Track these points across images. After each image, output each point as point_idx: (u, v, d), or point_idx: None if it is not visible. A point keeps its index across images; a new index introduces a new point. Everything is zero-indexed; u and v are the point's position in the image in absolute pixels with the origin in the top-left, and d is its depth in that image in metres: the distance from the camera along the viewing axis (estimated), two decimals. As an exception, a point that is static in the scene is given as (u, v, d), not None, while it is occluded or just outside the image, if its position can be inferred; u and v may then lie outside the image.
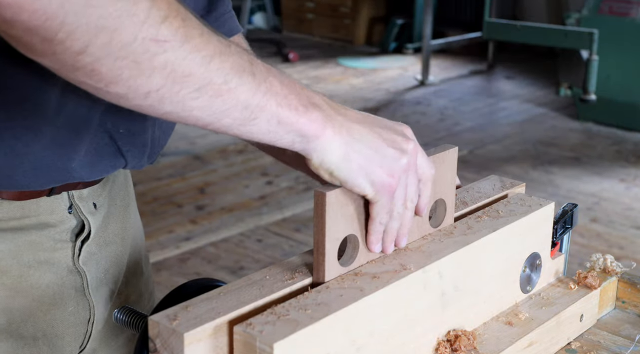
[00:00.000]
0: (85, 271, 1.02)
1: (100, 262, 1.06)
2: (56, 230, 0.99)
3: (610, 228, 3.87)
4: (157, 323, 0.76)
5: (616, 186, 4.39)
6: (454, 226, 0.99)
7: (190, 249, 3.60)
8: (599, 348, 1.04)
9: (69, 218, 1.00)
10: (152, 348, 0.76)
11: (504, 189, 1.10)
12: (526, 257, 1.04)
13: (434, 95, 6.13)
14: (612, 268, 1.13)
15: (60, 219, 0.99)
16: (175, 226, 3.83)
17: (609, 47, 5.14)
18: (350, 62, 7.12)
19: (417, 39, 7.15)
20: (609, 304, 1.13)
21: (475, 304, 0.97)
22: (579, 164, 4.73)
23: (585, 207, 4.06)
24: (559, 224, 1.08)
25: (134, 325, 0.95)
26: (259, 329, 0.76)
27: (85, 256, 1.02)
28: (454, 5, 7.54)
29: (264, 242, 3.68)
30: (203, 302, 0.79)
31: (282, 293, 0.83)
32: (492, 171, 4.43)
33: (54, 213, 0.98)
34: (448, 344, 0.93)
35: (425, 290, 0.90)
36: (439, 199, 0.97)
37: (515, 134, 5.24)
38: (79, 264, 1.01)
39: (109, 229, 1.07)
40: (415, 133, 0.89)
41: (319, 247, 0.85)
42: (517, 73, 6.77)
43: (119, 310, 0.97)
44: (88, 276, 1.03)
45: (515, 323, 0.99)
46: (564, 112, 5.65)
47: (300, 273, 0.86)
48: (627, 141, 5.12)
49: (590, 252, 1.17)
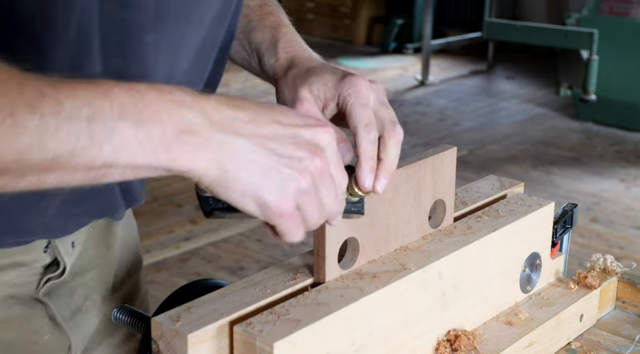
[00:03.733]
0: (48, 302, 1.00)
1: (77, 290, 1.04)
2: (29, 268, 0.98)
3: (610, 228, 3.87)
4: (160, 324, 0.76)
5: (616, 186, 4.39)
6: (453, 226, 0.99)
7: (190, 249, 3.60)
8: (599, 348, 1.04)
9: (43, 257, 0.99)
10: (155, 349, 0.77)
11: (502, 189, 1.10)
12: (526, 257, 1.04)
13: (434, 95, 6.12)
14: (612, 268, 1.13)
15: (35, 258, 0.98)
16: (175, 226, 3.83)
17: (609, 47, 5.13)
18: (350, 62, 7.12)
19: (417, 39, 7.14)
20: (609, 304, 1.14)
21: (475, 304, 0.98)
22: (579, 164, 4.73)
23: (585, 207, 4.06)
24: (559, 224, 1.09)
25: (135, 326, 0.95)
26: (259, 328, 0.76)
27: (50, 287, 1.00)
28: (454, 5, 7.54)
29: (264, 243, 3.68)
30: (206, 303, 0.80)
31: (284, 294, 0.83)
32: (492, 171, 4.43)
33: (30, 254, 0.97)
34: (448, 344, 0.93)
35: (425, 290, 0.90)
36: (438, 199, 0.97)
37: (515, 134, 5.24)
38: (40, 296, 1.00)
39: (89, 254, 1.05)
40: (415, 133, 0.88)
41: (319, 250, 0.85)
42: (517, 73, 6.77)
43: (118, 310, 0.97)
44: (53, 306, 1.01)
45: (515, 323, 1.00)
46: (564, 112, 5.65)
47: (302, 274, 0.87)
48: (627, 141, 5.12)
49: (590, 252, 1.17)
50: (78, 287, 1.05)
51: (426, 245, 0.94)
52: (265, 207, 0.74)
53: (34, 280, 0.99)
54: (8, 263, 0.96)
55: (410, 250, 0.93)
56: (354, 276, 0.87)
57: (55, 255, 1.00)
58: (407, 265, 0.89)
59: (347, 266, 0.88)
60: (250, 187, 0.72)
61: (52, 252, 1.00)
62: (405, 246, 0.94)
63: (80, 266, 1.04)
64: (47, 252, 0.99)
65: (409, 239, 0.95)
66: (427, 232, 0.97)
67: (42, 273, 1.00)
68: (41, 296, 1.00)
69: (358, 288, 0.84)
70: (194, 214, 3.97)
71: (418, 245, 0.94)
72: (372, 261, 0.90)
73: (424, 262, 0.90)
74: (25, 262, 0.97)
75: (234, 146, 0.72)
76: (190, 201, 4.13)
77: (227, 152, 0.71)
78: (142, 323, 0.94)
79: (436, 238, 0.96)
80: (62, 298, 1.02)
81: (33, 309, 1.00)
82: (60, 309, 1.02)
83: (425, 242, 0.95)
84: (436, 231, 0.98)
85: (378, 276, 0.87)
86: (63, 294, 1.03)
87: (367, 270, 0.88)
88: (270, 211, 0.74)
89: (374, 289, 0.84)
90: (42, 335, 1.01)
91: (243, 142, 0.72)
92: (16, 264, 0.97)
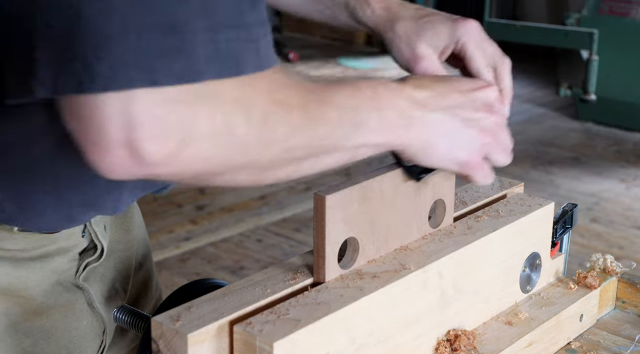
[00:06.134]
0: (87, 287, 1.02)
1: (106, 274, 1.06)
2: (71, 253, 1.00)
3: (610, 228, 3.87)
4: (160, 324, 0.76)
5: (616, 186, 4.39)
6: (453, 225, 0.99)
7: (190, 249, 3.60)
8: (598, 348, 1.04)
9: (82, 241, 1.01)
10: (155, 348, 0.77)
11: (502, 189, 1.10)
12: (526, 257, 1.04)
13: (434, 95, 6.12)
14: (612, 268, 1.13)
15: (75, 243, 1.00)
16: (175, 226, 3.83)
17: (609, 47, 5.13)
18: (351, 62, 7.12)
19: (417, 39, 7.14)
20: (609, 304, 1.14)
21: (475, 304, 0.98)
22: (579, 164, 4.73)
23: (585, 207, 4.06)
24: (559, 224, 1.09)
25: (135, 325, 0.95)
26: (259, 328, 0.76)
27: (87, 272, 1.02)
28: (454, 5, 7.54)
29: (264, 243, 3.68)
30: (206, 303, 0.80)
31: (284, 294, 0.83)
32: (492, 171, 4.42)
33: (70, 239, 0.99)
34: (448, 344, 0.93)
35: (425, 290, 0.90)
36: (438, 199, 0.98)
37: (515, 134, 5.16)
38: (79, 281, 1.01)
39: (115, 238, 1.07)
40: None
41: (319, 250, 0.85)
42: (517, 73, 6.73)
43: (118, 309, 0.97)
44: (91, 290, 1.03)
45: (515, 323, 1.00)
46: (564, 112, 5.65)
47: (302, 273, 0.87)
48: (627, 141, 5.12)
49: (590, 252, 1.17)
50: (107, 271, 1.06)
51: (426, 245, 0.94)
52: (459, 164, 0.89)
53: (73, 266, 1.01)
54: (55, 249, 0.97)
55: (410, 250, 0.93)
56: (354, 276, 0.87)
57: (91, 239, 1.02)
58: (407, 265, 0.89)
59: (347, 266, 0.88)
60: (446, 151, 0.87)
61: (88, 236, 1.01)
62: (405, 246, 0.94)
63: (109, 250, 1.06)
64: (85, 237, 1.01)
65: (409, 239, 0.95)
66: (427, 232, 0.97)
67: (79, 259, 1.01)
68: (81, 282, 1.01)
69: (358, 288, 0.84)
70: (194, 214, 3.97)
71: (418, 245, 0.94)
72: (372, 261, 0.90)
73: (423, 262, 0.90)
74: (67, 247, 0.99)
75: (431, 120, 0.86)
76: (190, 201, 4.13)
77: (426, 126, 0.85)
78: (142, 323, 0.94)
79: (436, 238, 0.96)
80: (97, 283, 1.04)
81: (75, 295, 1.01)
82: (97, 294, 1.04)
83: (425, 242, 0.95)
84: (436, 231, 0.98)
85: (378, 276, 0.87)
86: (98, 279, 1.04)
87: (367, 270, 0.88)
88: (464, 166, 0.89)
89: (374, 289, 0.84)
90: (82, 321, 1.02)
91: (437, 116, 0.86)
92: (61, 250, 0.98)
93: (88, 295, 1.03)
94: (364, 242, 0.89)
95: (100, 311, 1.04)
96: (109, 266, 1.07)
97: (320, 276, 0.86)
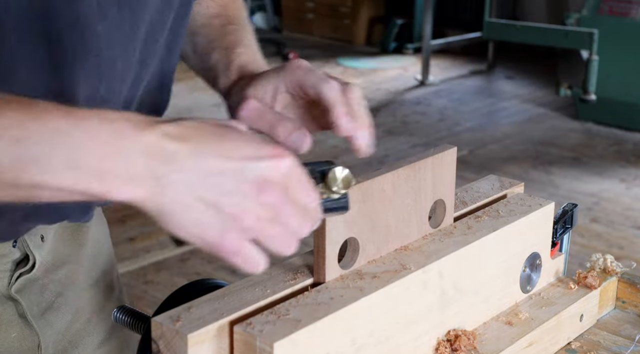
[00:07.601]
0: (19, 299, 1.01)
1: (48, 287, 1.04)
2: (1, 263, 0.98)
3: (610, 228, 3.87)
4: (161, 324, 0.76)
5: (616, 186, 4.39)
6: (453, 226, 0.99)
7: (190, 249, 3.60)
8: (599, 348, 1.04)
9: (12, 252, 0.99)
10: (155, 349, 0.77)
11: (502, 189, 1.10)
12: (526, 257, 1.04)
13: (434, 95, 6.12)
14: (612, 268, 1.13)
15: (4, 253, 0.98)
16: (175, 226, 3.82)
17: (609, 47, 5.13)
18: (350, 62, 7.12)
19: (417, 39, 7.14)
20: (609, 304, 1.14)
21: (475, 304, 0.98)
22: (579, 164, 4.73)
23: (585, 207, 4.06)
24: (559, 224, 1.09)
25: (135, 326, 0.95)
26: (259, 328, 0.76)
27: (22, 283, 1.01)
28: (454, 5, 7.54)
29: (264, 243, 3.67)
30: (206, 303, 0.80)
31: (285, 294, 0.84)
32: (492, 171, 4.43)
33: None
34: (448, 344, 0.93)
35: (425, 290, 0.90)
36: (438, 199, 0.98)
37: (515, 134, 5.24)
38: (12, 293, 1.00)
39: (60, 251, 1.06)
40: (415, 133, 0.89)
41: (319, 250, 0.85)
42: (517, 73, 6.77)
43: (118, 309, 0.97)
44: (24, 303, 1.01)
45: (515, 323, 1.00)
46: (564, 112, 5.65)
47: (302, 273, 0.87)
48: (627, 141, 5.12)
49: (590, 252, 1.17)
50: (49, 284, 1.05)
51: (426, 245, 0.94)
52: (207, 244, 0.71)
53: (5, 277, 0.99)
54: None
55: (410, 250, 0.93)
56: (354, 276, 0.87)
57: (24, 249, 1.00)
58: (407, 265, 0.89)
59: (347, 266, 0.88)
60: (188, 224, 0.69)
61: (21, 247, 1.00)
62: (405, 246, 0.94)
63: (52, 262, 1.04)
64: (16, 247, 0.99)
65: (409, 239, 0.95)
66: (427, 232, 0.97)
67: (12, 270, 1.00)
68: (13, 293, 1.00)
69: (358, 288, 0.84)
70: (194, 214, 3.96)
71: (418, 245, 0.94)
72: (372, 261, 0.90)
73: (424, 262, 0.90)
74: None
75: (171, 183, 0.68)
76: (190, 201, 4.13)
77: (163, 188, 0.69)
78: (142, 323, 0.94)
79: (436, 238, 0.96)
80: (33, 294, 1.03)
81: (3, 306, 1.00)
82: (30, 306, 1.02)
83: (425, 242, 0.95)
84: (436, 231, 0.98)
85: (378, 276, 0.87)
86: (34, 291, 1.03)
87: (367, 270, 0.88)
88: (214, 247, 0.71)
89: (374, 289, 0.84)
90: (10, 333, 1.01)
91: (180, 178, 0.68)
92: None
93: (20, 307, 1.01)
94: (364, 242, 0.89)
95: (34, 324, 1.02)
96: (55, 279, 1.05)
97: (321, 276, 0.86)
